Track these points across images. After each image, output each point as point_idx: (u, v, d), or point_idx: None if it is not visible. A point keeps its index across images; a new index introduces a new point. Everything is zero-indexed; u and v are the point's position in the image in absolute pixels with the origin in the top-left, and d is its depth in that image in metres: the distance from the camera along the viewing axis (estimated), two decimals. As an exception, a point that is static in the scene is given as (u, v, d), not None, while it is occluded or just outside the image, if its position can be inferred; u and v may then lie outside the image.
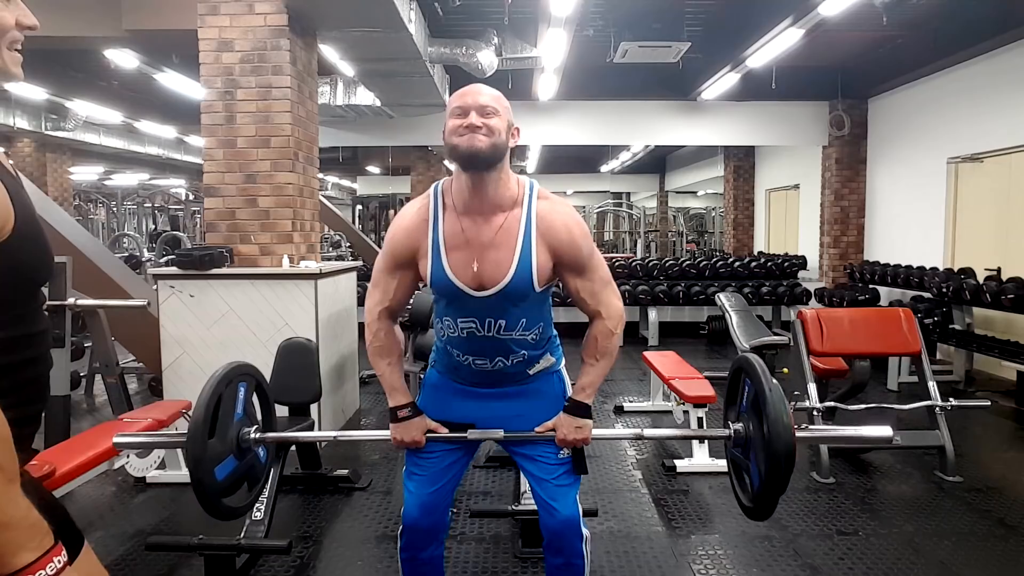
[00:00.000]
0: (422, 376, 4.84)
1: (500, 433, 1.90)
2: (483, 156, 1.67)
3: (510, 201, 1.76)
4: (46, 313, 1.27)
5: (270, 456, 2.08)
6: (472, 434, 1.90)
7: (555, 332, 1.97)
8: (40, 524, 1.01)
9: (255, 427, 1.96)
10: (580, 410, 1.87)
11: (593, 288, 1.83)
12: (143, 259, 9.99)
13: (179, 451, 3.72)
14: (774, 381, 1.72)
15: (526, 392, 1.92)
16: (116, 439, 1.94)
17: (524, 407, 1.91)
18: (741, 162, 12.48)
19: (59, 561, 1.01)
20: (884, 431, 1.86)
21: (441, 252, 1.75)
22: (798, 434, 1.70)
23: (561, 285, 1.87)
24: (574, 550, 1.87)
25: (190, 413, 2.33)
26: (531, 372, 1.91)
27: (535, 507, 2.93)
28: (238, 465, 1.86)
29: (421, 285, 1.94)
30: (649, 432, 2.06)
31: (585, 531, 1.91)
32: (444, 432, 1.89)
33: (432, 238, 1.76)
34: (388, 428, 1.90)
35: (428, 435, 1.89)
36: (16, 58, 1.11)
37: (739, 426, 1.86)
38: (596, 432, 1.89)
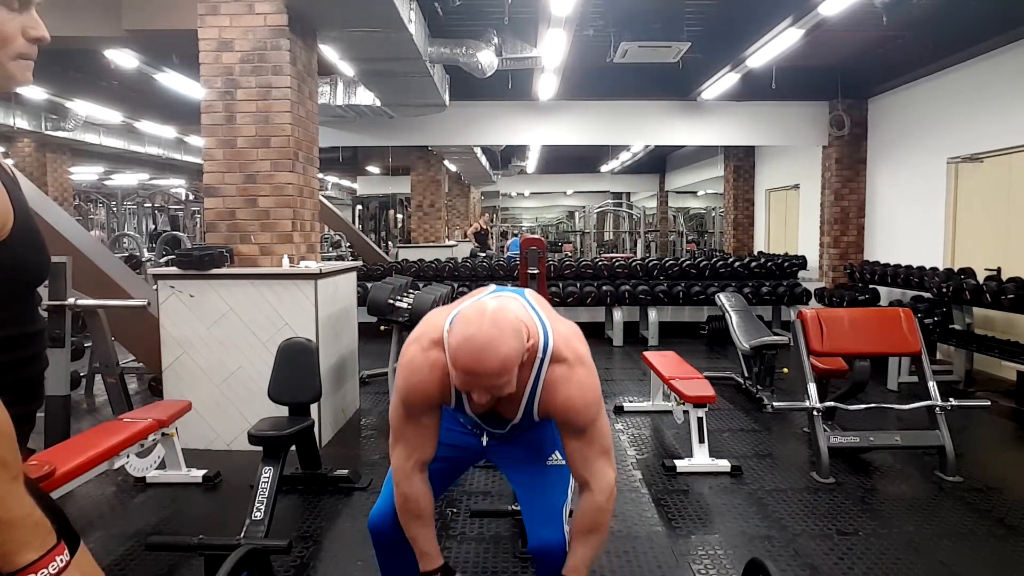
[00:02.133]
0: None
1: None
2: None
3: (524, 367, 1.71)
4: (43, 313, 1.27)
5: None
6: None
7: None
8: (43, 523, 1.00)
9: None
10: None
11: (587, 454, 1.77)
12: (143, 259, 9.99)
13: (179, 451, 3.72)
14: None
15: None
16: None
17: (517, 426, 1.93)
18: (741, 162, 12.48)
19: (61, 560, 1.00)
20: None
21: (464, 402, 1.78)
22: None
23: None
24: (557, 563, 1.86)
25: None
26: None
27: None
28: None
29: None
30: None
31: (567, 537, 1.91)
32: None
33: (455, 393, 1.77)
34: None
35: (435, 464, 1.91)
36: (23, 66, 1.08)
37: None
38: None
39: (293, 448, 3.36)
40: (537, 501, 1.90)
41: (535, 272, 7.03)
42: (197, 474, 3.72)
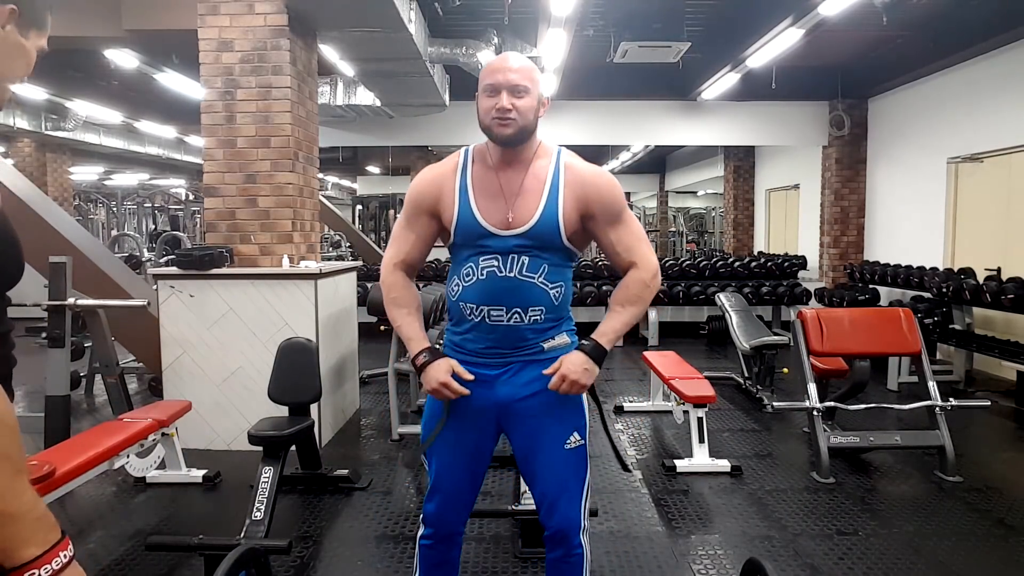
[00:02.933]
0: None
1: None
2: (513, 140, 1.77)
3: (540, 159, 1.83)
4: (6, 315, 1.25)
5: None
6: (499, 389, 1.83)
7: (572, 318, 1.91)
8: (47, 517, 1.00)
9: None
10: (595, 352, 1.77)
11: (629, 241, 1.83)
12: (143, 259, 9.99)
13: (179, 451, 3.72)
14: None
15: (539, 373, 1.80)
16: None
17: (538, 386, 1.80)
18: (741, 162, 12.48)
19: (64, 556, 0.99)
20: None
21: (469, 195, 1.80)
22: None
23: (596, 245, 1.85)
24: (574, 543, 1.85)
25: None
26: (546, 347, 1.83)
27: (535, 507, 2.94)
28: None
29: (440, 243, 1.92)
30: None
31: (585, 522, 1.88)
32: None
33: (460, 184, 1.82)
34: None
35: (453, 401, 1.79)
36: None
37: None
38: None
39: (293, 448, 3.36)
40: (553, 482, 1.83)
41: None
42: (197, 474, 3.72)
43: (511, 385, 1.83)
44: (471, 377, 1.79)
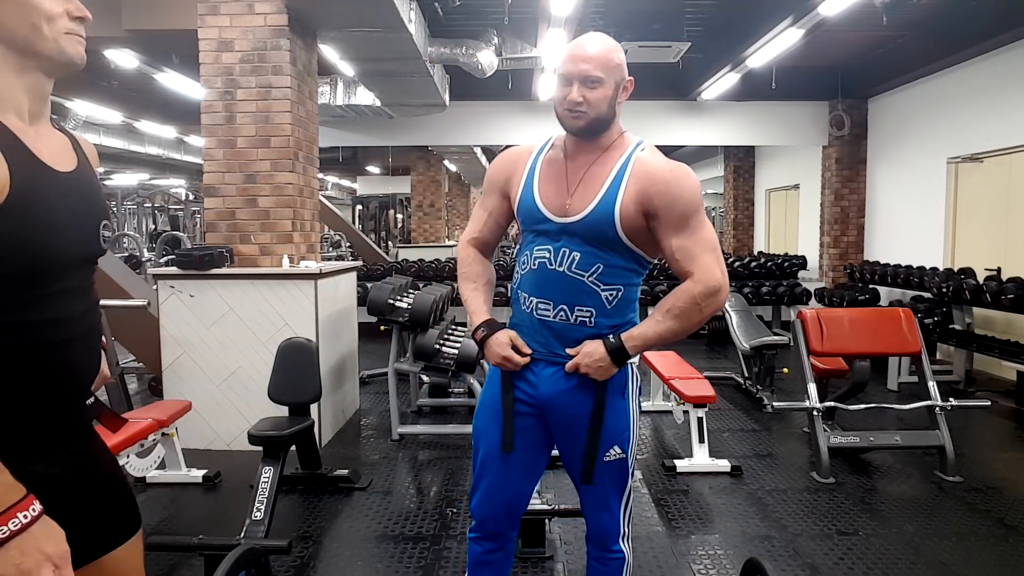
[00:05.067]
0: (422, 376, 4.88)
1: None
2: (585, 132, 1.73)
3: (615, 150, 1.75)
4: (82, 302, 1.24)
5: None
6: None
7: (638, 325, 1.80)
8: (3, 477, 0.98)
9: None
10: (616, 352, 1.68)
11: (693, 251, 1.66)
12: (143, 259, 9.99)
13: (179, 451, 3.72)
14: None
15: (585, 381, 1.72)
16: None
17: (581, 394, 1.73)
18: (741, 162, 12.48)
19: (24, 516, 0.97)
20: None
21: (534, 179, 1.79)
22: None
23: (660, 250, 1.72)
24: (612, 548, 1.84)
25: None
26: None
27: (535, 507, 2.95)
28: None
29: (510, 232, 1.94)
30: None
31: (625, 529, 1.84)
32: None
33: (530, 166, 1.81)
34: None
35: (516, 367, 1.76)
36: (73, 40, 1.18)
37: None
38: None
39: (293, 448, 3.36)
40: (592, 493, 1.80)
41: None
42: (197, 474, 3.72)
43: (555, 387, 1.76)
44: (529, 351, 1.76)
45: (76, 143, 1.30)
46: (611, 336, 1.71)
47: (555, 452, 1.88)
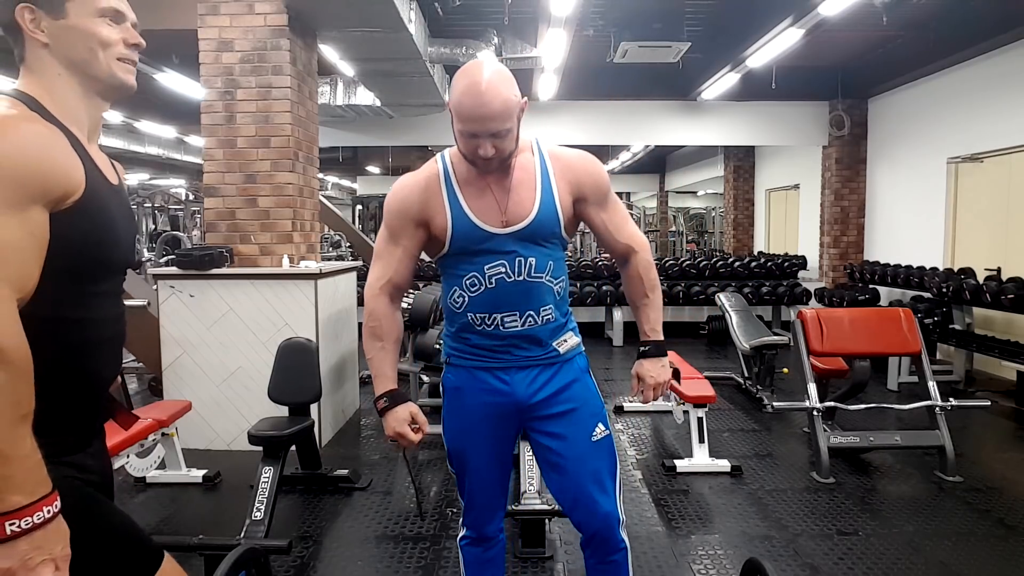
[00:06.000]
0: (423, 376, 4.89)
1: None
2: (498, 168, 1.72)
3: (522, 153, 1.78)
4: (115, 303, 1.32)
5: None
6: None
7: (571, 310, 1.91)
8: (39, 470, 1.01)
9: None
10: (660, 349, 1.85)
11: (617, 222, 1.85)
12: (143, 259, 9.98)
13: (179, 451, 3.72)
14: None
15: (556, 372, 1.80)
16: None
17: (557, 385, 1.80)
18: (741, 162, 12.48)
19: (48, 511, 1.00)
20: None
21: (459, 199, 1.73)
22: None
23: (589, 227, 1.86)
24: (617, 539, 1.81)
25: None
26: (561, 350, 1.81)
27: (535, 507, 2.95)
28: None
29: (426, 259, 1.89)
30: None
31: (622, 515, 1.84)
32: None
33: (447, 188, 1.74)
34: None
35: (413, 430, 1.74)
36: (125, 68, 1.26)
37: None
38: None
39: (293, 448, 3.36)
40: (587, 477, 1.79)
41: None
42: (197, 474, 3.72)
43: (532, 387, 1.78)
44: (427, 430, 1.75)
45: (112, 163, 1.39)
46: (642, 346, 1.86)
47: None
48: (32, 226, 1.06)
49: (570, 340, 1.84)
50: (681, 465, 3.90)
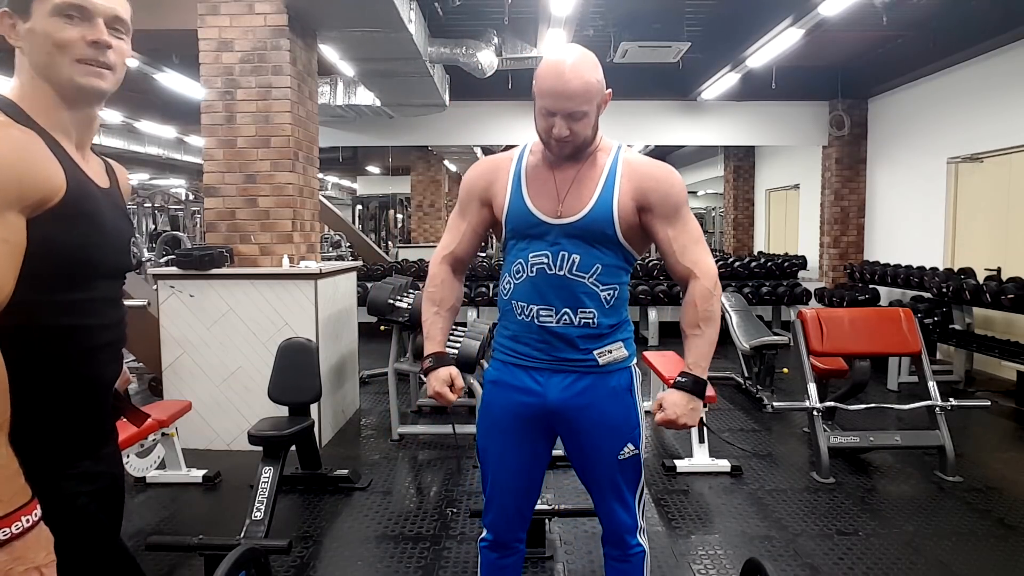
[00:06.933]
0: (422, 376, 4.88)
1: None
2: (572, 157, 1.72)
3: (599, 152, 1.77)
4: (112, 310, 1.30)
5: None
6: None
7: (630, 322, 1.85)
8: (16, 479, 0.99)
9: None
10: (695, 387, 1.71)
11: (684, 242, 1.75)
12: (143, 259, 9.98)
13: (179, 451, 3.72)
14: None
15: (594, 384, 1.76)
16: None
17: (592, 397, 1.76)
18: (741, 162, 12.49)
19: (27, 520, 0.99)
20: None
21: (521, 184, 1.75)
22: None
23: (653, 241, 1.78)
24: (631, 544, 1.84)
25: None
26: (601, 361, 1.75)
27: (535, 507, 2.94)
28: None
29: (487, 244, 1.92)
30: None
31: (641, 522, 1.86)
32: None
33: (514, 172, 1.78)
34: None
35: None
36: (85, 70, 1.16)
37: None
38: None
39: (293, 448, 3.36)
40: (609, 491, 1.82)
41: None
42: (197, 474, 3.72)
43: (565, 394, 1.76)
44: (461, 389, 1.82)
45: (109, 167, 1.37)
46: (679, 377, 1.74)
47: (557, 451, 1.88)
48: (6, 232, 1.03)
49: (615, 352, 1.77)
50: (681, 465, 3.90)
